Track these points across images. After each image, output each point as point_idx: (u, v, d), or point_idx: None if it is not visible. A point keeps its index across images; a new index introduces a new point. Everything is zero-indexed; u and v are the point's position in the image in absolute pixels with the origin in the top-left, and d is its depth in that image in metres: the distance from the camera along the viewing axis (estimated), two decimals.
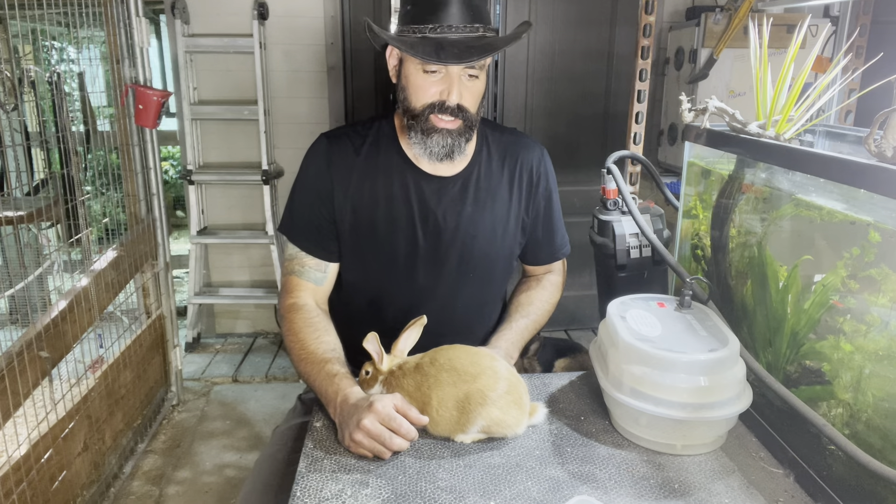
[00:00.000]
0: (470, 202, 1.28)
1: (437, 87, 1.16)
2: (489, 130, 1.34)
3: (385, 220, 1.26)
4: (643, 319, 1.09)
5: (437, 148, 1.19)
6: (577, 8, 3.18)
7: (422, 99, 1.18)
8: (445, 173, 1.28)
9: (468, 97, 1.18)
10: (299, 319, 1.21)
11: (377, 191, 1.26)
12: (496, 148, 1.33)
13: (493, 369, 1.03)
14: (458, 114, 1.18)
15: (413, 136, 1.21)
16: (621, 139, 2.54)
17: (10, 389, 1.59)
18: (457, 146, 1.20)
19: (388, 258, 1.28)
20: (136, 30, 2.45)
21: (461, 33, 1.15)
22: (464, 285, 1.32)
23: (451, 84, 1.16)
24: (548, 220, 1.39)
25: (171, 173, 5.62)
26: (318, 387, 1.10)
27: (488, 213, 1.30)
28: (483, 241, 1.30)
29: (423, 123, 1.19)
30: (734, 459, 1.02)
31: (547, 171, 1.37)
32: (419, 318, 1.11)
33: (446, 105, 1.16)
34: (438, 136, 1.18)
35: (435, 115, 1.18)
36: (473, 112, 1.20)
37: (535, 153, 1.36)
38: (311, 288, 1.27)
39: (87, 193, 2.78)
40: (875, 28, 2.62)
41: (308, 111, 3.21)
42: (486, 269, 1.33)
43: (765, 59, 1.09)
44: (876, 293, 0.87)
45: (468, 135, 1.21)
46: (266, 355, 3.29)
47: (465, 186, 1.28)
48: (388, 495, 0.91)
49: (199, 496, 2.23)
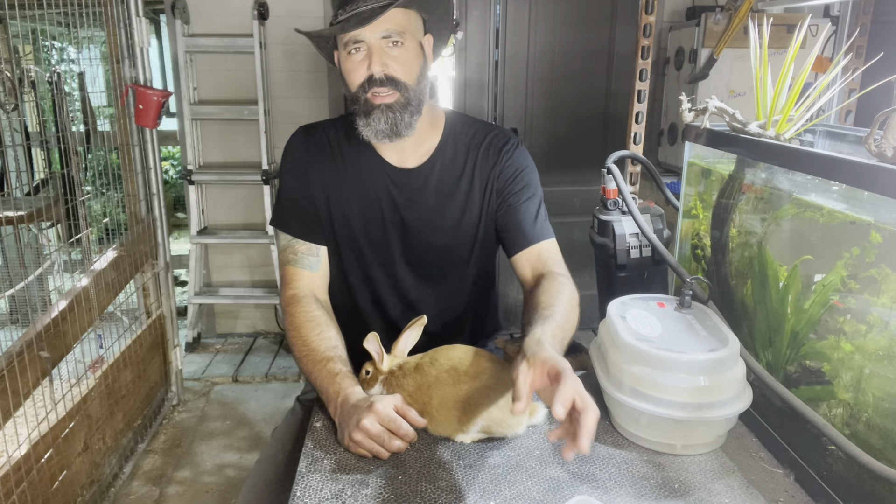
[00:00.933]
0: (432, 193, 1.29)
1: (363, 63, 1.17)
2: (459, 124, 1.33)
3: (356, 213, 1.28)
4: (643, 319, 1.09)
5: (381, 125, 1.19)
6: (577, 8, 3.18)
7: (354, 80, 1.19)
8: (409, 164, 1.29)
9: (396, 67, 1.17)
10: (300, 313, 1.21)
11: (349, 184, 1.28)
12: (462, 139, 1.32)
13: (493, 369, 1.02)
14: (391, 85, 1.17)
15: (359, 121, 1.21)
16: (621, 139, 2.54)
17: (10, 389, 1.59)
18: (400, 120, 1.19)
19: (359, 250, 1.30)
20: (136, 30, 2.45)
21: (369, 4, 1.14)
22: (435, 277, 1.33)
23: (372, 55, 1.16)
24: (520, 205, 1.30)
25: (171, 173, 5.62)
26: (320, 385, 1.11)
27: (451, 205, 1.30)
28: (448, 233, 1.30)
29: (362, 105, 1.19)
30: (734, 459, 1.02)
31: (516, 160, 1.31)
32: (419, 318, 1.11)
33: (374, 77, 1.16)
34: (378, 111, 1.18)
35: (370, 94, 1.18)
36: (411, 83, 1.19)
37: (500, 138, 1.32)
38: (308, 276, 1.28)
39: (88, 193, 2.79)
40: (875, 28, 2.62)
41: (308, 111, 3.21)
42: (455, 260, 1.33)
43: (765, 59, 1.09)
44: (876, 293, 0.87)
45: (412, 108, 1.20)
46: (266, 355, 3.29)
47: (428, 178, 1.29)
48: (388, 495, 0.91)
49: (199, 496, 2.23)
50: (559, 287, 1.18)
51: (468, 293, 1.38)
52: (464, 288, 1.37)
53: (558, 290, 1.17)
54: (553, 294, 1.16)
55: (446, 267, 1.33)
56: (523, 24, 3.19)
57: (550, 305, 1.12)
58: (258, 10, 2.96)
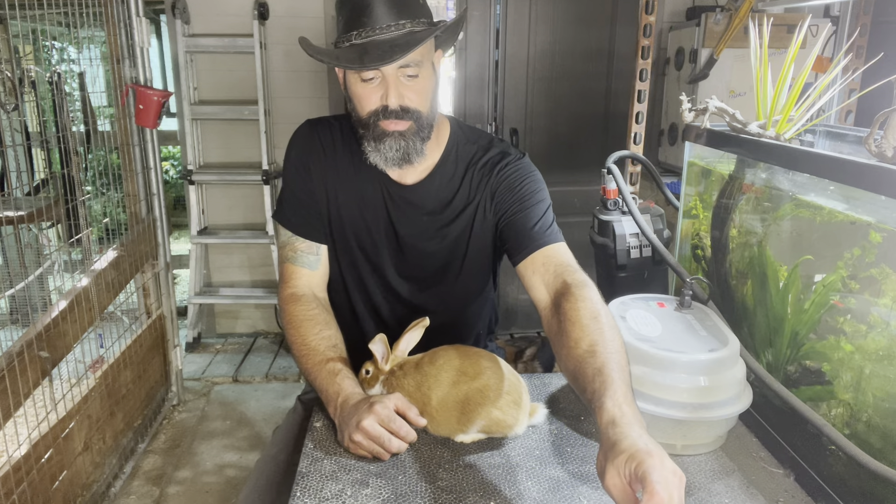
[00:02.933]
0: (426, 211, 1.26)
1: (377, 92, 1.14)
2: (461, 138, 1.30)
3: (350, 218, 1.27)
4: (643, 319, 1.09)
5: (392, 153, 1.16)
6: (577, 8, 3.18)
7: (366, 108, 1.16)
8: (408, 180, 1.26)
9: (412, 97, 1.14)
10: (299, 312, 1.20)
11: (347, 188, 1.27)
12: (463, 157, 1.28)
13: (493, 369, 1.03)
14: (405, 115, 1.14)
15: (368, 145, 1.18)
16: (621, 139, 2.53)
17: (10, 389, 1.59)
18: (412, 148, 1.17)
19: (352, 254, 1.29)
20: (137, 30, 2.45)
21: (387, 33, 1.11)
22: (422, 289, 1.31)
23: (388, 87, 1.12)
24: (519, 215, 1.24)
25: (171, 173, 5.62)
26: (320, 385, 1.10)
27: (441, 222, 1.27)
28: (434, 249, 1.28)
29: (373, 131, 1.16)
30: (734, 459, 1.02)
31: (511, 174, 1.26)
32: (422, 320, 1.11)
33: (389, 110, 1.13)
34: (391, 139, 1.15)
35: (382, 121, 1.15)
36: (424, 111, 1.16)
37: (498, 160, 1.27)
38: (307, 274, 1.27)
39: (88, 193, 2.79)
40: (875, 28, 2.62)
41: (308, 111, 3.21)
42: (441, 275, 1.30)
43: (765, 59, 1.09)
44: (876, 293, 0.87)
45: (423, 134, 1.18)
46: (266, 355, 3.29)
47: (425, 195, 1.26)
48: (388, 495, 0.91)
49: (199, 496, 2.23)
50: (590, 312, 0.99)
51: (461, 302, 1.36)
52: (456, 297, 1.34)
53: (592, 317, 0.98)
54: (587, 327, 0.96)
55: (437, 279, 1.31)
56: (523, 24, 3.19)
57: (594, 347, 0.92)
58: (258, 10, 2.96)
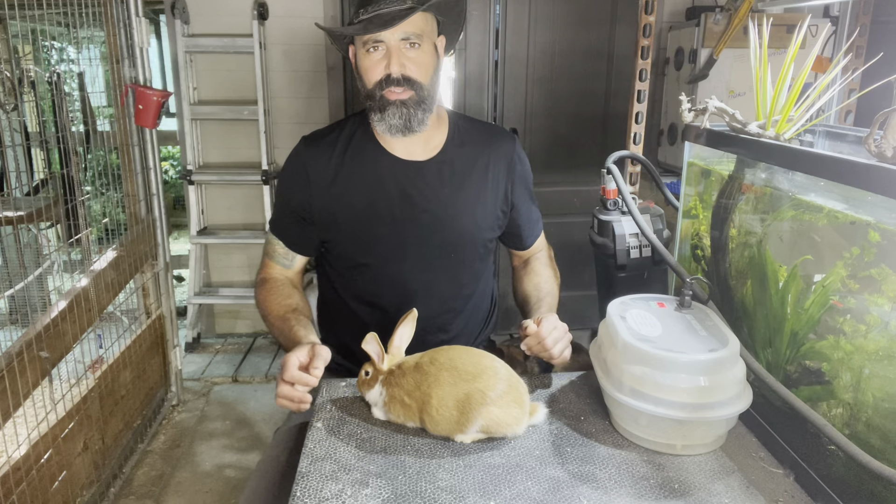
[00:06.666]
0: (447, 184, 1.35)
1: (381, 63, 1.24)
2: (461, 122, 1.42)
3: (369, 210, 1.33)
4: (643, 319, 1.09)
5: (395, 120, 1.26)
6: (577, 8, 3.18)
7: (371, 78, 1.26)
8: (420, 157, 1.35)
9: (413, 68, 1.25)
10: (266, 289, 1.36)
11: (358, 182, 1.34)
12: (469, 136, 1.40)
13: (493, 369, 1.03)
14: (406, 84, 1.24)
15: (374, 116, 1.28)
16: (621, 139, 2.53)
17: (10, 389, 1.59)
18: (413, 116, 1.26)
19: (375, 245, 1.35)
20: (136, 30, 2.45)
21: (391, 6, 1.22)
22: (446, 266, 1.38)
23: (391, 56, 1.23)
24: (530, 203, 1.48)
25: (171, 173, 5.62)
26: (283, 343, 1.25)
27: (466, 195, 1.36)
28: (463, 221, 1.36)
29: (378, 101, 1.26)
30: (734, 459, 1.02)
31: (521, 157, 1.45)
32: (410, 313, 1.12)
33: (392, 77, 1.24)
34: (393, 107, 1.25)
35: (386, 90, 1.25)
36: (425, 83, 1.27)
37: (508, 141, 1.43)
38: (280, 269, 1.42)
39: (87, 193, 2.78)
40: (875, 28, 2.62)
41: (308, 111, 3.21)
42: (467, 248, 1.39)
43: (765, 59, 1.09)
44: (876, 293, 0.87)
45: (425, 106, 1.27)
46: (266, 355, 3.29)
47: (441, 170, 1.35)
48: (388, 495, 0.91)
49: (199, 496, 2.23)
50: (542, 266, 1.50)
51: (469, 283, 1.44)
52: (465, 277, 1.42)
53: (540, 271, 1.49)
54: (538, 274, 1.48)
55: (461, 251, 1.39)
56: (523, 24, 3.19)
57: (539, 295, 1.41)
58: (258, 10, 2.96)
